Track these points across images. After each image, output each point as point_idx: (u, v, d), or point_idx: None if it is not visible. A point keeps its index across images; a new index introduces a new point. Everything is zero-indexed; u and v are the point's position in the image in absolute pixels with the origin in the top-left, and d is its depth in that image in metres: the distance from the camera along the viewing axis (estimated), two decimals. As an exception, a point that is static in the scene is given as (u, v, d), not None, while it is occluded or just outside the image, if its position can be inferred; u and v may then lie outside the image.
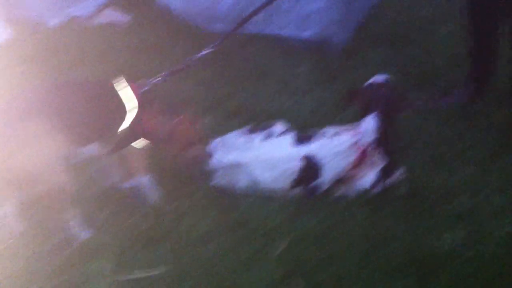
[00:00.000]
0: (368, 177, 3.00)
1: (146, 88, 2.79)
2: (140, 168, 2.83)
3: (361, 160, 2.96)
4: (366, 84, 3.25)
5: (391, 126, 3.07)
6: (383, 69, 4.76)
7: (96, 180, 3.00)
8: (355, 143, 2.93)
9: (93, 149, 2.64)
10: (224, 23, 5.08)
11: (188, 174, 3.05)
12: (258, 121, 3.78)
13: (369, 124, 3.00)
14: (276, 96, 4.23)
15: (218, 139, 3.11)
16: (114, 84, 2.67)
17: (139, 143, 2.76)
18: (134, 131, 2.70)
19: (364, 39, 5.42)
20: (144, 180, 2.84)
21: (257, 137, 2.96)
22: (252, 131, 3.03)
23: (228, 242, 2.62)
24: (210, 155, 2.95)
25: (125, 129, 2.65)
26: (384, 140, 3.01)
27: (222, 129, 3.62)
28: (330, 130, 3.02)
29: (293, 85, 4.44)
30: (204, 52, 3.12)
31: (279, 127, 3.06)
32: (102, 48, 4.65)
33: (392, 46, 5.37)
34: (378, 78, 3.26)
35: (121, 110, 2.65)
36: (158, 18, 5.26)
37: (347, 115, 3.87)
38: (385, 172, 3.02)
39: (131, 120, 2.66)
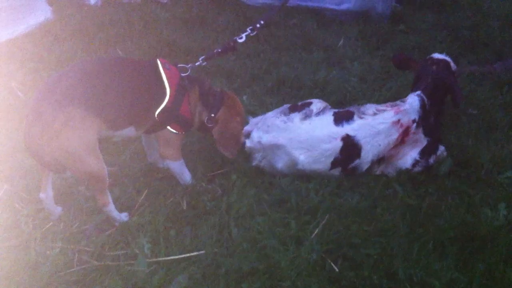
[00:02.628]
0: (409, 156, 2.90)
1: (187, 73, 2.74)
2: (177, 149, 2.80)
3: (403, 139, 2.87)
4: (426, 57, 3.18)
5: (435, 104, 2.96)
6: (433, 33, 4.65)
7: (134, 162, 3.02)
8: (397, 121, 2.84)
9: (129, 131, 2.59)
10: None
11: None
12: (304, 91, 3.74)
13: (413, 102, 2.90)
14: (322, 65, 4.14)
15: (258, 119, 3.07)
16: (156, 67, 2.63)
17: (174, 128, 2.70)
18: (171, 116, 2.64)
19: (410, 5, 5.26)
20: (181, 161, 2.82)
21: (297, 117, 2.90)
22: (291, 110, 2.97)
23: (268, 221, 2.59)
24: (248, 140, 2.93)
25: (161, 113, 2.60)
26: (427, 119, 2.91)
27: (268, 102, 3.60)
28: (371, 107, 2.93)
29: (340, 53, 4.34)
30: (246, 33, 3.07)
31: (318, 104, 2.98)
32: (146, 22, 4.67)
33: (441, 10, 5.19)
34: (437, 55, 3.16)
35: (159, 93, 2.60)
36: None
37: (394, 84, 3.78)
38: (427, 152, 2.92)
39: (169, 103, 2.61)
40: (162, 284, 2.28)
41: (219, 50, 3.01)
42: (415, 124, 2.87)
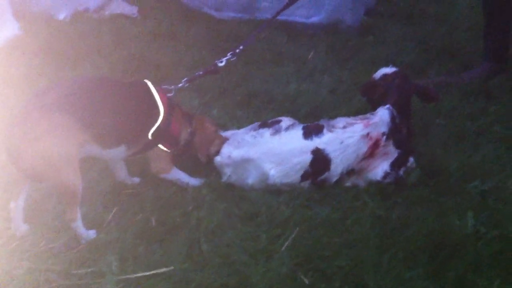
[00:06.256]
0: (379, 169, 2.92)
1: (172, 94, 2.87)
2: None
3: (373, 151, 2.89)
4: (378, 76, 3.17)
5: (404, 117, 3.00)
6: (401, 45, 4.71)
7: (102, 178, 2.98)
8: (367, 134, 2.86)
9: (119, 151, 2.64)
10: (233, 11, 5.09)
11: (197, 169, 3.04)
12: (275, 104, 3.74)
13: (383, 115, 2.92)
14: (293, 78, 4.15)
15: (227, 134, 3.08)
16: (146, 88, 2.71)
17: (164, 146, 2.79)
18: (163, 134, 2.72)
19: (379, 17, 5.32)
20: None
21: (267, 132, 2.90)
22: (261, 126, 2.98)
23: (238, 235, 2.58)
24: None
25: (155, 132, 2.68)
26: (397, 131, 2.93)
27: (238, 115, 3.59)
28: (341, 120, 2.95)
29: (310, 66, 4.36)
30: (227, 58, 3.24)
31: (287, 122, 2.99)
32: (115, 37, 4.64)
33: (409, 21, 5.27)
34: (387, 70, 3.17)
35: (153, 113, 2.68)
36: (168, 6, 5.28)
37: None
38: (397, 164, 2.94)
39: (161, 123, 2.69)
40: (130, 302, 2.24)
41: (201, 73, 3.15)
42: (385, 137, 2.89)
